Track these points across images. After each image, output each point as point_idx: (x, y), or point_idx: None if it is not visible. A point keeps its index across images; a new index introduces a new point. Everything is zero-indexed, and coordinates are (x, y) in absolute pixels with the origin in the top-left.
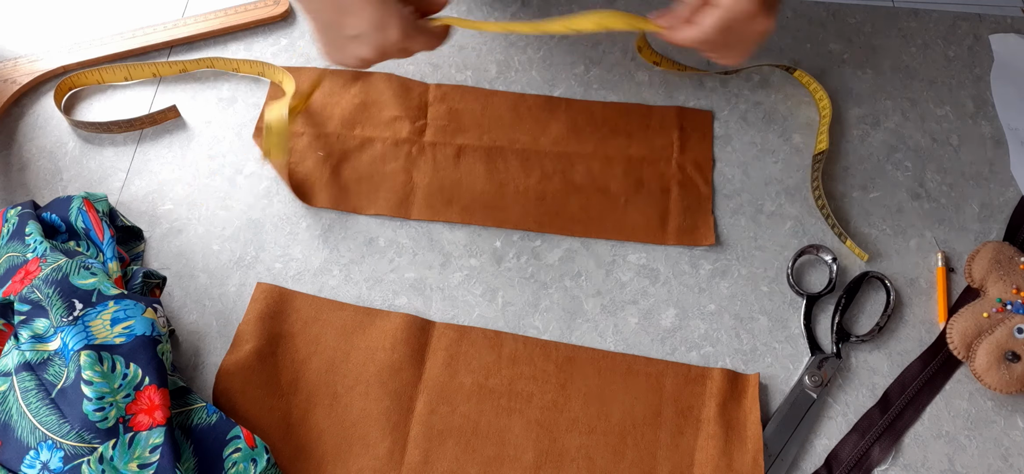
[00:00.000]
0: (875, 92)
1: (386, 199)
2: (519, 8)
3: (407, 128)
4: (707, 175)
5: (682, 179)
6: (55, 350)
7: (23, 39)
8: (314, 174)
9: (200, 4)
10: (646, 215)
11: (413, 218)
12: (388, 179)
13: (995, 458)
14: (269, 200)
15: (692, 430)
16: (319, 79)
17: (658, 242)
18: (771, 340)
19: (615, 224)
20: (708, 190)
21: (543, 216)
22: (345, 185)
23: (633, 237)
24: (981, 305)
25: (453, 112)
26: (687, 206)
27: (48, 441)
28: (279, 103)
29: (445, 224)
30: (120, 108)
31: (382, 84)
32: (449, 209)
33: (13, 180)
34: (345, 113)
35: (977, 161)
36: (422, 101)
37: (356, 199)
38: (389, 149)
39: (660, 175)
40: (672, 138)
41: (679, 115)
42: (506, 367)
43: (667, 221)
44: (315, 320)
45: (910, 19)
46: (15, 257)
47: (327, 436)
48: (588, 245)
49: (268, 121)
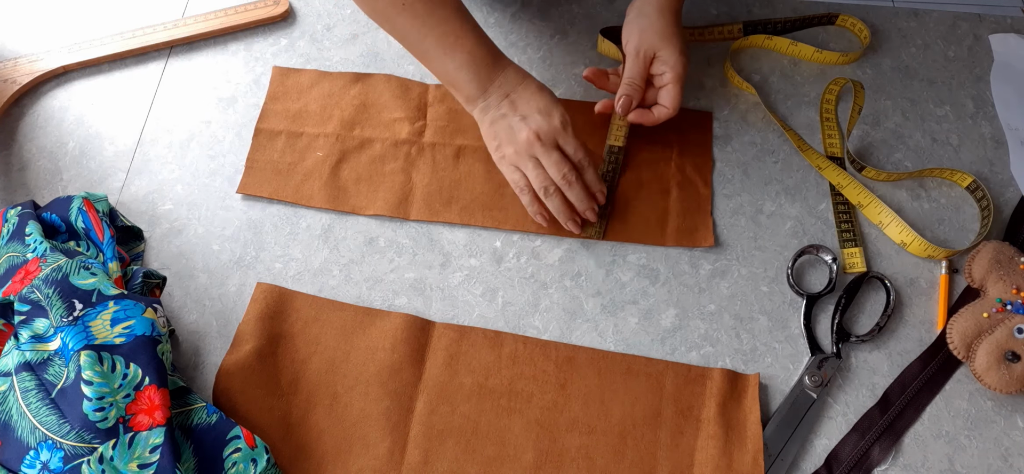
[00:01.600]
0: (875, 92)
1: (385, 199)
2: (519, 8)
3: (407, 129)
4: (706, 176)
5: (681, 180)
6: (55, 350)
7: (23, 39)
8: (313, 175)
9: (200, 4)
10: (645, 216)
11: (412, 219)
12: (387, 179)
13: (995, 458)
14: (269, 200)
15: (692, 430)
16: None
17: (657, 243)
18: (771, 340)
19: (614, 226)
20: (707, 191)
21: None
22: (344, 186)
23: (632, 238)
24: (981, 305)
25: (453, 112)
26: (686, 207)
27: (48, 441)
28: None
29: (445, 224)
30: (121, 98)
31: (382, 85)
32: (448, 210)
33: (13, 180)
34: (345, 114)
35: (977, 161)
36: (422, 102)
37: (355, 199)
38: (388, 150)
39: (659, 176)
40: (672, 139)
41: (679, 116)
42: (506, 367)
43: (666, 222)
44: (315, 320)
45: (910, 19)
46: (15, 257)
47: (327, 436)
48: (588, 245)
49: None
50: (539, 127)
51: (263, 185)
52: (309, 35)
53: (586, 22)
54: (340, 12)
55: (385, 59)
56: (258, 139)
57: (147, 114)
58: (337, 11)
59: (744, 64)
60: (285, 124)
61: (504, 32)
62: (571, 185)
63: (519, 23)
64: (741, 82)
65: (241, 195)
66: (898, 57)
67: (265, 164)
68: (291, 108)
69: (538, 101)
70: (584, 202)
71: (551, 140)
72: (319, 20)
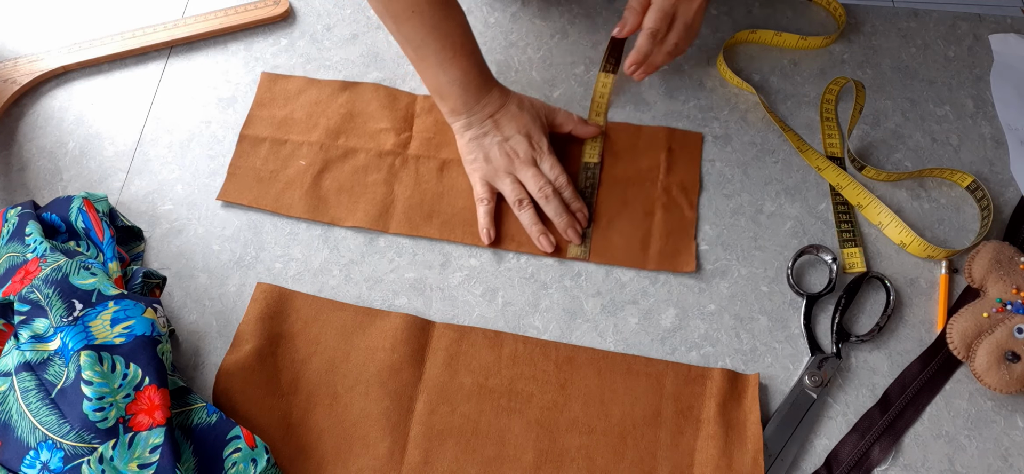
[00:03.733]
0: (875, 92)
1: (365, 211)
2: (519, 8)
3: (392, 140)
4: (693, 199)
5: (667, 202)
6: (55, 350)
7: (23, 39)
8: (294, 183)
9: (200, 4)
10: (627, 238)
11: (391, 232)
12: (369, 191)
13: (995, 458)
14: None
15: (692, 430)
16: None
17: (638, 266)
18: (771, 340)
19: (596, 247)
20: (693, 214)
21: (522, 236)
22: (324, 195)
23: (612, 260)
24: (981, 305)
25: (439, 125)
26: (670, 230)
27: (48, 441)
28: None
29: None
30: (121, 98)
31: (370, 94)
32: (428, 224)
33: (13, 180)
34: (331, 122)
35: (977, 161)
36: (409, 113)
37: (335, 210)
38: (372, 160)
39: (645, 196)
40: (660, 159)
41: (668, 136)
42: (506, 367)
43: (648, 245)
44: (315, 320)
45: (910, 19)
46: (15, 257)
47: (327, 436)
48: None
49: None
50: (518, 146)
51: (244, 192)
52: (309, 35)
53: (586, 22)
54: (340, 12)
55: (385, 59)
56: (242, 145)
57: (147, 114)
58: (337, 11)
59: (744, 64)
60: (270, 131)
61: (504, 32)
62: (548, 199)
63: (519, 23)
64: (740, 82)
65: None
66: (898, 57)
67: (247, 171)
68: (277, 115)
69: (519, 123)
70: (564, 218)
71: (529, 159)
72: (319, 20)
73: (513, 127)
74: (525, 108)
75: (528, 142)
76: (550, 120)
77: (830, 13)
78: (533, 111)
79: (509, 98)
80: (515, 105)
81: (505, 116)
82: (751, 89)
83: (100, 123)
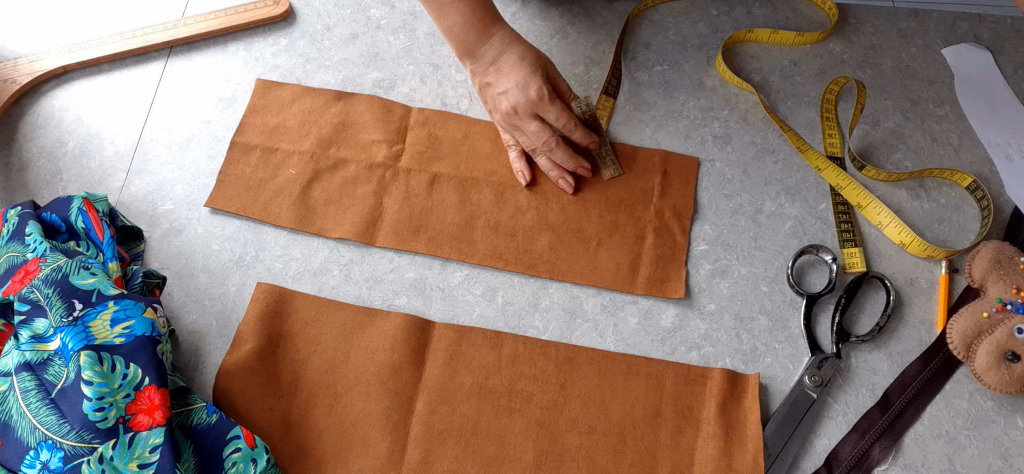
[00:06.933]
0: (875, 92)
1: (352, 223)
2: (519, 8)
3: (383, 152)
4: (685, 223)
5: (659, 226)
6: (55, 350)
7: (23, 39)
8: (283, 192)
9: (200, 4)
10: (617, 261)
11: (378, 245)
12: (357, 202)
13: (995, 458)
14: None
15: (692, 430)
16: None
17: (626, 291)
18: (771, 340)
19: (584, 268)
20: (684, 240)
21: (510, 254)
22: (313, 206)
23: (601, 284)
24: (981, 305)
25: (432, 138)
26: (660, 255)
27: (48, 441)
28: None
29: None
30: (121, 98)
31: (363, 105)
32: (416, 239)
33: (13, 180)
34: (323, 132)
35: (977, 161)
36: (403, 125)
37: (322, 221)
38: (362, 172)
39: (636, 219)
40: (654, 182)
41: (664, 159)
42: (506, 367)
43: (638, 269)
44: (315, 320)
45: (910, 19)
46: (15, 257)
47: (327, 436)
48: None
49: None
50: (516, 102)
51: (232, 200)
52: (309, 35)
53: (586, 22)
54: (340, 12)
55: (385, 59)
56: (233, 152)
57: (147, 114)
58: (337, 11)
59: (743, 63)
60: (261, 139)
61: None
62: (552, 150)
63: (519, 23)
64: (740, 81)
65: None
66: (898, 57)
67: (237, 178)
68: (269, 122)
69: (517, 74)
70: (571, 162)
71: (529, 112)
72: (319, 20)
73: (511, 78)
74: (526, 59)
75: (525, 95)
76: (553, 83)
77: (825, 12)
78: (533, 62)
79: (510, 46)
80: (516, 54)
81: (505, 65)
82: (751, 89)
83: (100, 123)
